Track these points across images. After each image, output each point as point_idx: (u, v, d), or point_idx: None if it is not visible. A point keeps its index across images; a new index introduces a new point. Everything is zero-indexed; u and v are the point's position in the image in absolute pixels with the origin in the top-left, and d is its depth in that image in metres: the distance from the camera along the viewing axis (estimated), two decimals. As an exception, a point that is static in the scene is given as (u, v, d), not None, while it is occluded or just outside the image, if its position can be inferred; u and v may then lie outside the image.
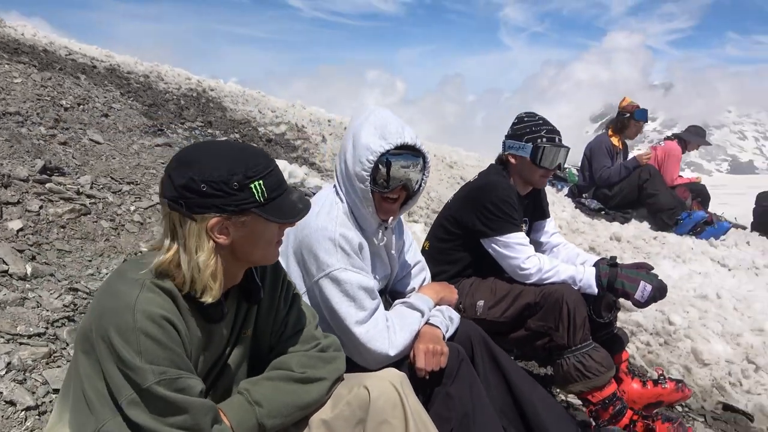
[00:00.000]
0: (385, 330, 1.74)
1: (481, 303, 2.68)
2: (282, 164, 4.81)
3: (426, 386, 1.75)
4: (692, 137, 7.32)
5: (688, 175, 7.83)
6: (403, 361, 1.77)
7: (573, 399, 2.88)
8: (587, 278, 2.56)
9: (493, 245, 2.66)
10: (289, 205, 1.32)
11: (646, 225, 6.09)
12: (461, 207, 2.81)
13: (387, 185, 1.77)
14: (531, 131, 2.70)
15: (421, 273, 2.13)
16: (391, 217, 1.86)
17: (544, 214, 3.02)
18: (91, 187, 3.14)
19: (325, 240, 1.74)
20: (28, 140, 3.31)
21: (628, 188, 6.24)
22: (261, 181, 1.26)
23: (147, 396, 1.18)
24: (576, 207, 6.35)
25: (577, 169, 7.35)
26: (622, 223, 6.07)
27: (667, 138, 7.32)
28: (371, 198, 1.79)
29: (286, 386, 1.45)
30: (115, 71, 6.23)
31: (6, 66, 4.31)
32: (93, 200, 3.04)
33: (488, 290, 2.70)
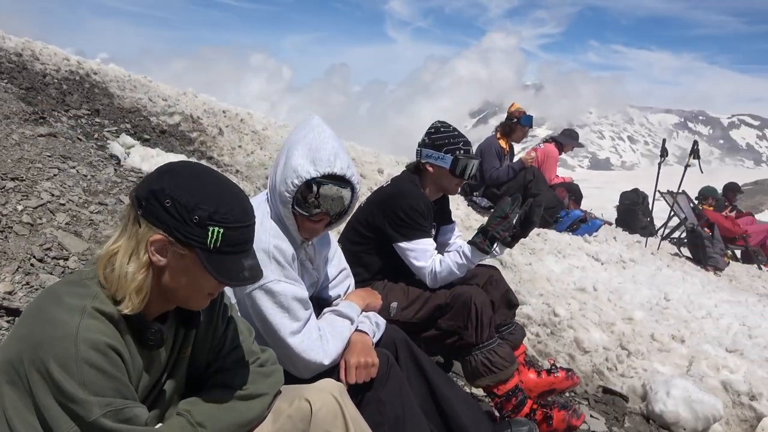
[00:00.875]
0: (318, 339, 1.78)
1: (394, 305, 2.78)
2: (179, 158, 4.61)
3: (357, 392, 1.81)
4: (567, 140, 8.03)
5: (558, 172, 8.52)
6: (335, 369, 1.81)
7: (477, 391, 3.08)
8: (467, 251, 2.70)
9: (402, 250, 2.78)
10: (235, 268, 1.26)
11: (530, 222, 6.57)
12: (374, 212, 2.89)
13: (308, 208, 1.79)
14: (450, 142, 2.84)
15: (346, 280, 2.18)
16: (316, 237, 1.89)
17: (449, 218, 3.19)
18: (-31, 185, 2.83)
19: (259, 251, 1.72)
20: None
21: (515, 188, 6.68)
22: (222, 231, 1.22)
23: (91, 429, 1.13)
24: (468, 205, 6.71)
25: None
26: (510, 220, 6.50)
27: (546, 141, 7.95)
28: (292, 217, 1.81)
29: (227, 404, 1.44)
30: (-17, 50, 5.58)
31: None
32: (-27, 199, 2.75)
33: (401, 293, 2.82)
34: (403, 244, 2.76)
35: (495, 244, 2.68)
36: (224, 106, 7.77)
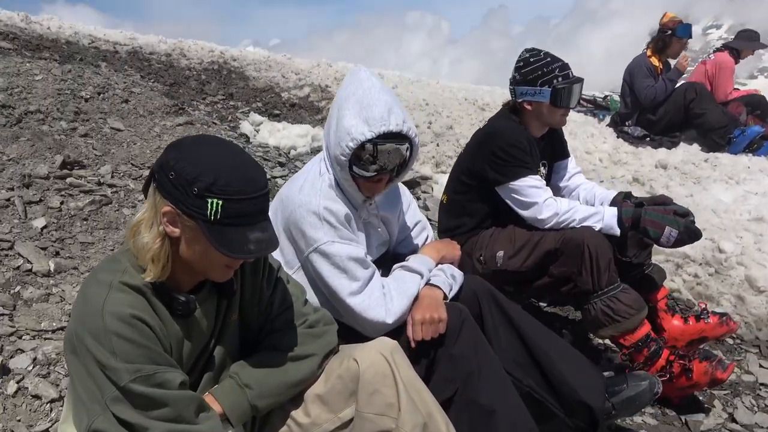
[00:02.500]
0: (381, 298, 1.70)
1: (500, 254, 2.60)
2: (305, 129, 4.77)
3: (428, 349, 1.71)
4: (744, 44, 6.70)
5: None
6: (404, 328, 1.73)
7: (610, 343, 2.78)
8: (608, 220, 2.43)
9: (507, 192, 2.55)
10: (239, 240, 1.22)
11: (696, 147, 5.71)
12: (472, 156, 2.70)
13: (364, 166, 1.69)
14: (544, 72, 2.53)
15: (422, 233, 2.06)
16: (377, 195, 1.80)
17: (563, 153, 2.86)
18: (112, 177, 3.21)
19: (310, 214, 1.69)
20: (49, 137, 3.39)
21: (674, 110, 5.84)
22: (221, 202, 1.19)
23: (127, 393, 1.19)
24: (618, 137, 6.02)
25: (619, 96, 6.93)
26: (669, 148, 5.72)
27: (717, 50, 6.77)
28: (351, 179, 1.73)
29: (275, 366, 1.45)
30: (137, 54, 6.29)
31: (27, 64, 4.40)
32: (114, 189, 3.11)
33: (507, 240, 2.61)
34: (507, 186, 2.54)
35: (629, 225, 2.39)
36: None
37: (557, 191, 2.90)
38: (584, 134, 5.70)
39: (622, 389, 1.98)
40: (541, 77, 2.52)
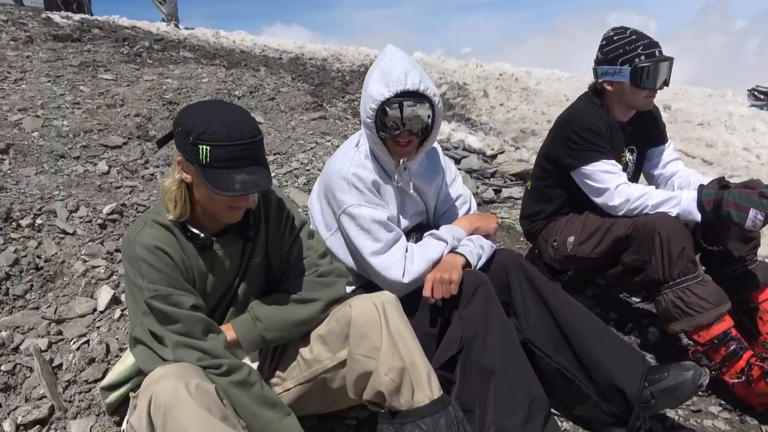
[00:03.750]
0: (401, 260, 1.82)
1: (571, 239, 2.52)
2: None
3: (444, 310, 1.80)
4: None
5: None
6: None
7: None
8: (685, 204, 2.24)
9: (581, 177, 2.48)
10: (226, 181, 1.39)
11: None
12: (551, 141, 2.66)
13: (390, 131, 1.82)
14: (625, 51, 2.40)
15: (463, 206, 2.12)
16: (408, 158, 1.90)
17: (658, 139, 2.66)
18: (241, 160, 3.71)
19: (340, 180, 1.88)
20: (199, 127, 4.03)
21: None
22: (209, 148, 1.40)
23: (151, 308, 1.49)
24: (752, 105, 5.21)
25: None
26: None
27: None
28: (380, 142, 1.87)
29: (284, 305, 1.66)
30: (298, 60, 7.02)
31: (199, 70, 5.23)
32: (240, 170, 3.60)
33: (580, 226, 2.53)
34: (580, 170, 2.46)
35: (710, 209, 2.19)
36: (506, 69, 7.85)
37: (651, 179, 2.72)
38: (745, 128, 5.06)
39: (663, 377, 1.84)
40: (622, 55, 2.40)
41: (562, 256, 2.56)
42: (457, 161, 4.29)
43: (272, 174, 3.66)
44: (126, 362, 1.69)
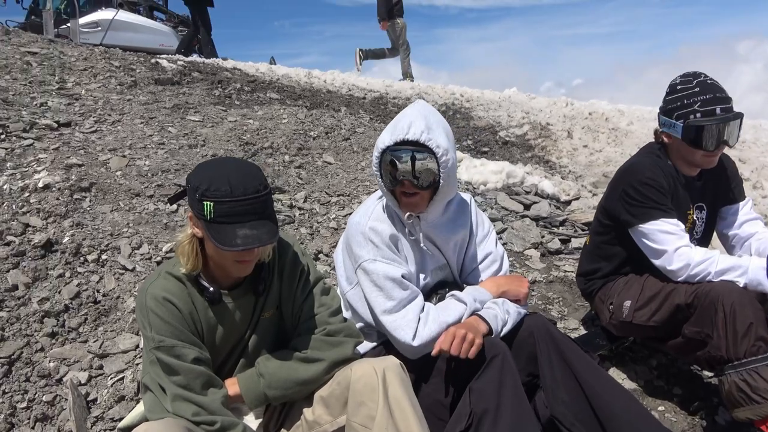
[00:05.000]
0: (414, 321, 1.75)
1: (627, 303, 2.32)
2: (501, 165, 4.82)
3: (458, 380, 1.69)
4: None
5: None
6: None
7: None
8: (754, 273, 1.98)
9: (638, 236, 2.28)
10: (229, 235, 1.44)
11: None
12: (609, 194, 2.48)
13: (393, 180, 1.78)
14: (682, 105, 2.20)
15: (491, 266, 2.00)
16: (417, 211, 1.84)
17: (732, 196, 2.40)
18: (304, 201, 3.81)
19: (358, 233, 1.85)
20: (270, 167, 4.19)
21: None
22: (212, 204, 1.45)
23: (156, 357, 1.53)
24: None
25: None
26: None
27: None
28: (390, 194, 1.83)
29: (288, 363, 1.64)
30: (381, 99, 7.15)
31: (281, 110, 5.47)
32: (301, 211, 3.68)
33: (638, 289, 2.32)
34: (637, 228, 2.27)
35: None
36: (598, 107, 7.51)
37: (725, 240, 2.45)
38: None
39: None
40: (678, 109, 2.21)
41: (618, 321, 2.36)
42: (526, 207, 4.12)
43: (332, 216, 3.73)
44: (142, 406, 1.74)
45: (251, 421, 1.65)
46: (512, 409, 1.59)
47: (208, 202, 1.46)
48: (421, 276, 1.92)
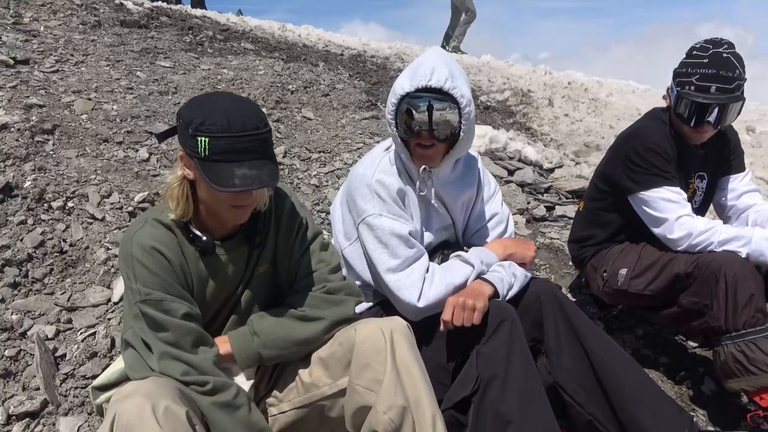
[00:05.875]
0: (420, 281, 1.64)
1: (623, 272, 2.27)
2: (484, 129, 4.72)
3: (462, 343, 1.61)
4: None
5: None
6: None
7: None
8: (757, 244, 1.95)
9: (638, 203, 2.22)
10: (226, 175, 1.29)
11: None
12: (609, 159, 2.40)
13: (409, 130, 1.66)
14: (685, 73, 2.12)
15: (497, 226, 1.91)
16: (431, 165, 1.72)
17: (733, 166, 2.36)
18: (284, 156, 3.63)
19: (363, 186, 1.72)
20: (247, 119, 3.97)
21: None
22: (207, 140, 1.29)
23: (142, 311, 1.39)
24: None
25: None
26: None
27: None
28: (403, 145, 1.71)
29: (285, 321, 1.52)
30: (359, 57, 6.92)
31: (257, 62, 5.20)
32: (281, 166, 3.51)
33: (635, 258, 2.27)
34: (638, 195, 2.20)
35: None
36: (576, 77, 7.47)
37: (721, 211, 2.42)
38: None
39: (713, 447, 1.59)
40: (681, 76, 2.13)
41: (611, 289, 2.31)
42: (510, 172, 4.04)
43: (312, 172, 3.57)
44: (120, 363, 1.59)
45: (242, 382, 1.53)
46: (521, 374, 1.52)
47: (203, 138, 1.30)
48: (426, 234, 1.81)
